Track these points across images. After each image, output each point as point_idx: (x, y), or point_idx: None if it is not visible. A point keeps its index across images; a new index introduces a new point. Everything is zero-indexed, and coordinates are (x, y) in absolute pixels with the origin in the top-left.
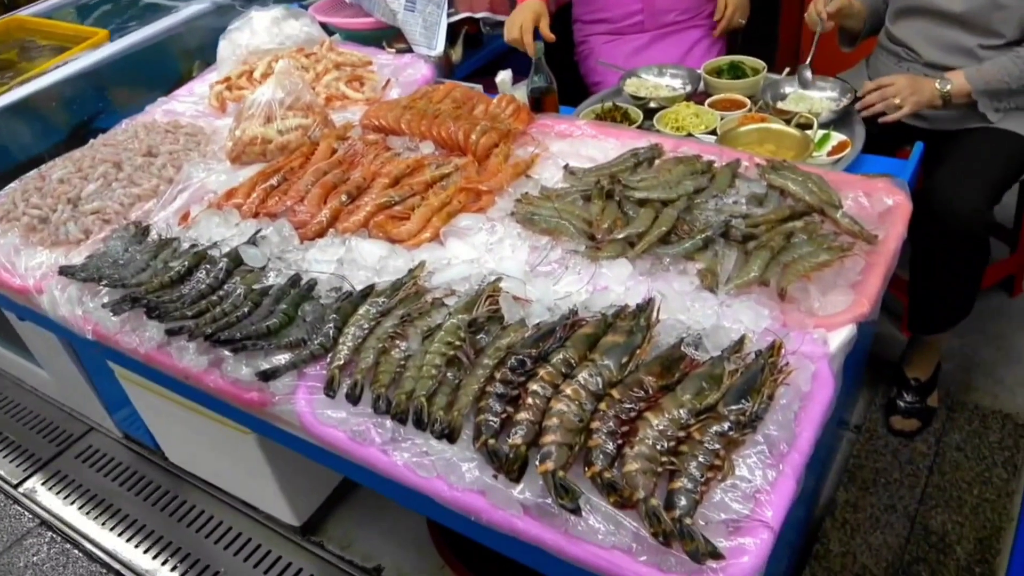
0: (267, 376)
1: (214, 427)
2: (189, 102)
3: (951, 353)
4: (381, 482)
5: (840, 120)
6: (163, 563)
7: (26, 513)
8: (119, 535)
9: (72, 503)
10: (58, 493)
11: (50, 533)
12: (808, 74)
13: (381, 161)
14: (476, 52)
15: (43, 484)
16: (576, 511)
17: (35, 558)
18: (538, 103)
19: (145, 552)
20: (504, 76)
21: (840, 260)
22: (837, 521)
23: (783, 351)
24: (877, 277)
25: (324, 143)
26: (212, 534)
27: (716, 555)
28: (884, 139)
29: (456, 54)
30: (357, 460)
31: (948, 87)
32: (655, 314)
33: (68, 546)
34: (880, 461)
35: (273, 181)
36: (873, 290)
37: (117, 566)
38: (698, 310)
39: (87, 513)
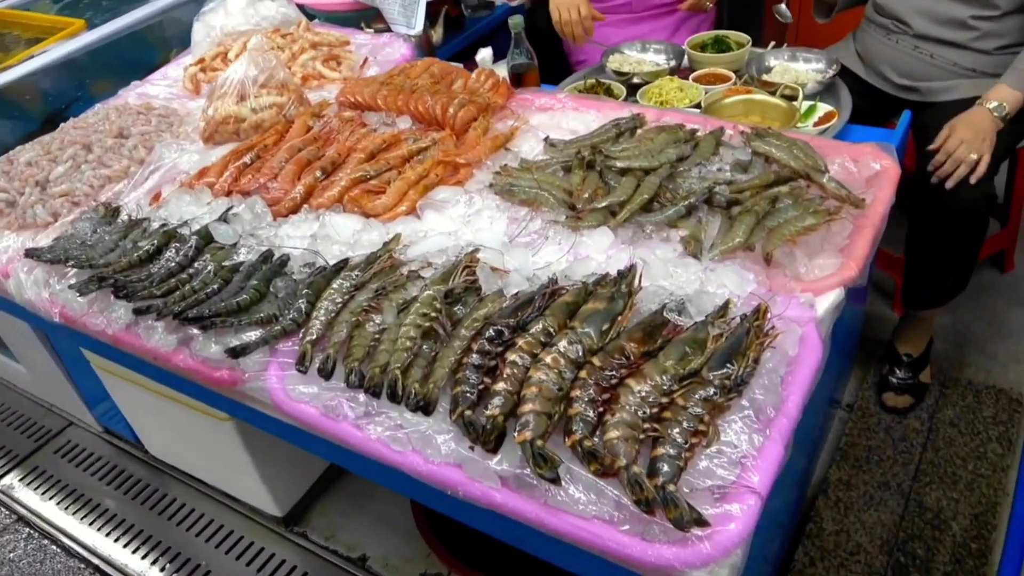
0: (237, 353)
1: (192, 415)
2: (163, 85)
3: (942, 330)
4: (355, 459)
5: (826, 91)
6: (143, 557)
7: (2, 510)
8: (98, 530)
9: (51, 499)
10: (36, 489)
11: (28, 529)
12: (784, 7)
13: (357, 137)
14: (458, 34)
15: (20, 480)
16: (555, 480)
17: (12, 555)
18: (519, 80)
19: (125, 547)
20: (484, 54)
21: (827, 224)
22: (830, 500)
23: (769, 315)
24: (865, 240)
25: (299, 120)
26: (193, 527)
27: (701, 522)
28: (872, 111)
29: (436, 35)
30: (330, 436)
31: (1005, 109)
32: (637, 280)
33: (46, 542)
34: (873, 439)
35: (246, 159)
36: (861, 253)
37: (96, 561)
38: (681, 276)
39: (66, 509)
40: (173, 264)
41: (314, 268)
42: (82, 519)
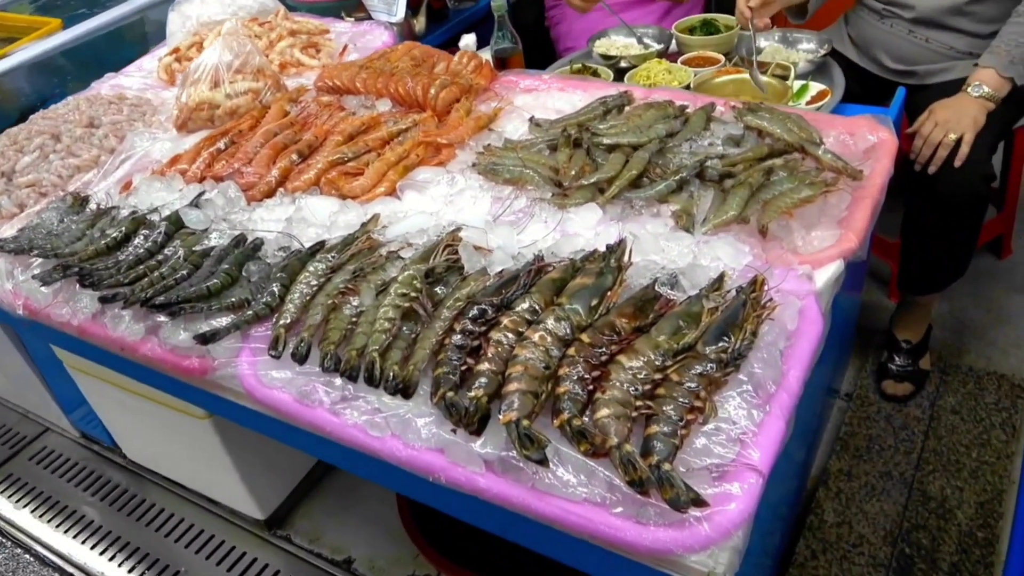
0: (206, 339)
1: (169, 415)
2: (137, 77)
3: (940, 318)
4: (331, 448)
5: (818, 71)
6: (119, 564)
7: None
8: (74, 538)
9: (24, 507)
10: (9, 497)
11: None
12: (760, 77)
13: (335, 120)
14: (441, 25)
15: None
16: (542, 462)
17: None
18: (503, 64)
19: (101, 554)
20: (468, 40)
21: (824, 196)
22: (831, 491)
23: (766, 286)
24: (865, 212)
25: (275, 106)
26: (173, 532)
27: (699, 502)
28: (865, 95)
29: (419, 24)
30: (304, 424)
31: (984, 88)
32: (627, 255)
33: (19, 551)
34: (873, 428)
35: (220, 144)
36: (861, 225)
37: (71, 570)
38: (673, 249)
39: (40, 516)
40: (141, 251)
41: (289, 251)
42: (57, 527)
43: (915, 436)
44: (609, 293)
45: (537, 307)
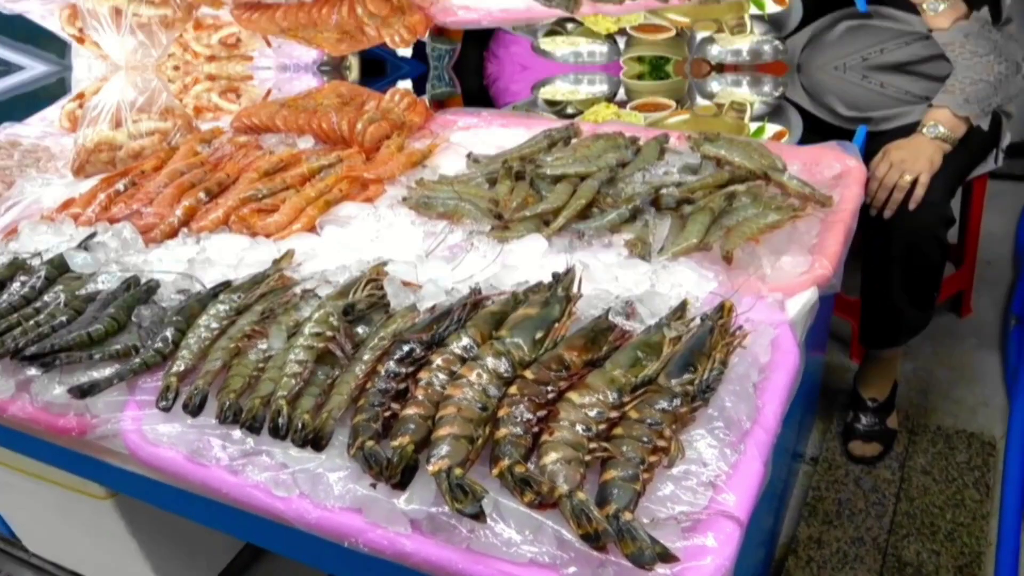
0: (84, 392)
1: (66, 496)
2: (39, 126)
3: (905, 377)
4: (230, 515)
5: (774, 113)
6: None
7: None
8: None
9: None
10: None
11: None
12: None
13: (251, 159)
14: (380, 79)
15: None
16: (478, 516)
17: None
18: (440, 107)
19: None
20: (403, 86)
21: (792, 221)
22: (801, 560)
23: (734, 313)
24: (837, 237)
25: (185, 146)
26: None
27: (667, 557)
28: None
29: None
30: (197, 487)
31: (939, 129)
32: (576, 284)
33: None
34: (842, 491)
35: (119, 186)
36: (834, 250)
37: None
38: (628, 277)
39: None
40: (16, 298)
41: (189, 294)
42: None
43: (886, 499)
44: (557, 325)
45: (474, 343)
